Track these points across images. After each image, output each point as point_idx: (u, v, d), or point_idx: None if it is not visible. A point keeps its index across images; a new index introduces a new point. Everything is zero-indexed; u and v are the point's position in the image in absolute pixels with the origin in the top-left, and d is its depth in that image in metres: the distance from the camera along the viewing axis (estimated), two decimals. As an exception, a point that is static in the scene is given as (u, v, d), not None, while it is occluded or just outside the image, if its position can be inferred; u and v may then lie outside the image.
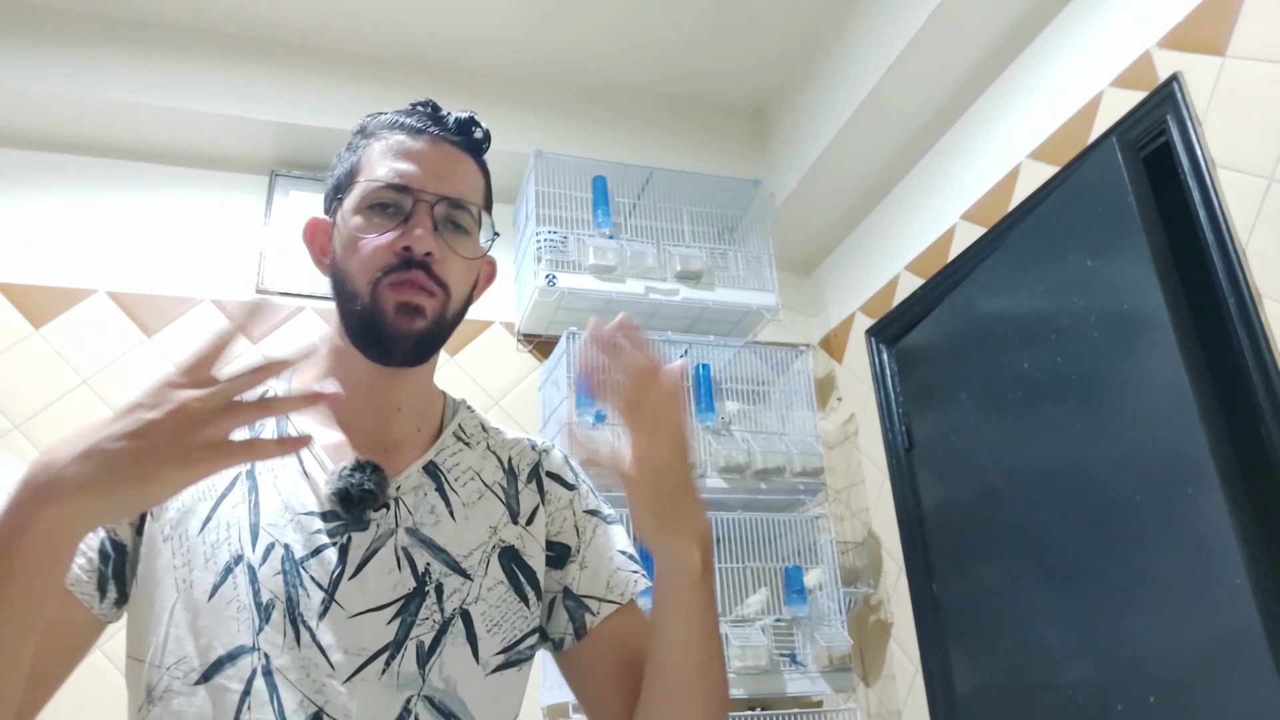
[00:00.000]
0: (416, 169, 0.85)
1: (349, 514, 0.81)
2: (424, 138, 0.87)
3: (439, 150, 0.87)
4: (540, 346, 2.58)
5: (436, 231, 0.84)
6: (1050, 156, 2.03)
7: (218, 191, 2.51)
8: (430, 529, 0.84)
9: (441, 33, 2.56)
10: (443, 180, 0.86)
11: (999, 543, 2.01)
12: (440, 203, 0.85)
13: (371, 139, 0.88)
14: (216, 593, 0.76)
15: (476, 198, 0.89)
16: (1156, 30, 1.79)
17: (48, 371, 2.18)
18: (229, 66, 2.46)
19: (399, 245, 0.82)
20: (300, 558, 0.78)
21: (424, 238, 0.82)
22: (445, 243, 0.85)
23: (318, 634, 0.76)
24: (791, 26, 2.61)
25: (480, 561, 0.85)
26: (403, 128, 0.88)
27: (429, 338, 0.85)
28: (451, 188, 0.86)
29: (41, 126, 2.37)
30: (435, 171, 0.86)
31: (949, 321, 2.26)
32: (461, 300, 0.88)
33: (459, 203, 0.86)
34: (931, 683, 2.22)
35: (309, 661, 0.75)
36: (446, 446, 0.90)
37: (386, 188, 0.84)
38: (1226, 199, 1.60)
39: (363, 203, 0.85)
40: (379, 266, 0.82)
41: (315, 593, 0.77)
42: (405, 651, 0.78)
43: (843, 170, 2.59)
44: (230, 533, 0.78)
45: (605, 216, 2.48)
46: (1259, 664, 1.38)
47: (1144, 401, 1.63)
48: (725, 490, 2.27)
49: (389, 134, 0.88)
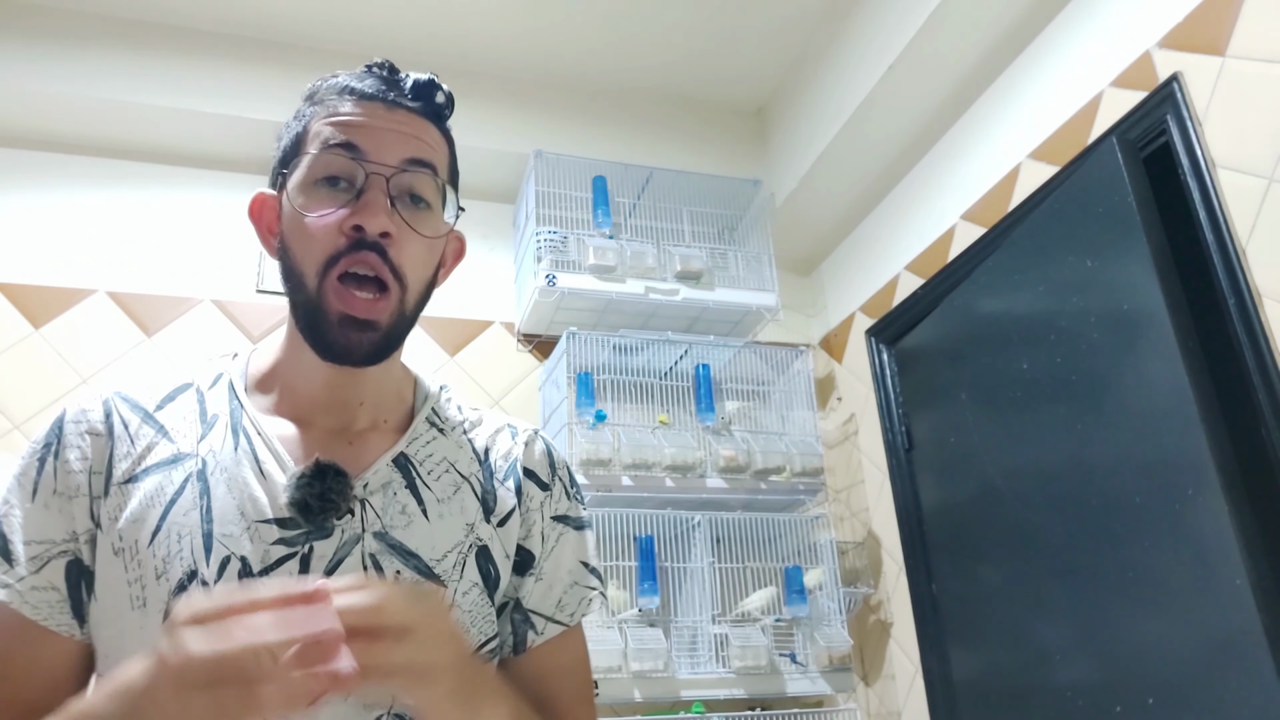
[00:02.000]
0: (369, 137, 0.76)
1: (310, 523, 0.74)
2: (377, 102, 0.78)
3: (395, 116, 0.78)
4: (540, 346, 2.58)
5: (393, 207, 0.75)
6: (1050, 156, 2.03)
7: (218, 191, 2.51)
8: (401, 531, 0.77)
9: (441, 33, 2.56)
10: (399, 147, 0.77)
11: (999, 543, 2.01)
12: (397, 174, 0.76)
13: (319, 106, 0.79)
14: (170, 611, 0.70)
15: (440, 165, 0.80)
16: (1156, 30, 1.78)
17: (48, 371, 2.18)
18: (229, 66, 2.46)
19: (349, 224, 0.74)
20: (257, 572, 0.72)
21: (378, 215, 0.73)
22: (403, 220, 0.75)
23: None
24: (791, 26, 2.61)
25: (456, 564, 0.78)
26: (353, 92, 0.78)
27: (385, 343, 0.77)
28: (409, 150, 0.77)
29: (41, 126, 2.37)
30: (391, 137, 0.77)
31: (949, 321, 2.26)
32: (422, 286, 0.79)
33: (421, 163, 0.77)
34: (931, 683, 2.21)
35: None
36: (419, 435, 0.83)
37: (335, 156, 0.75)
38: (1226, 199, 1.60)
39: (309, 176, 0.76)
40: (327, 252, 0.74)
41: None
42: None
43: (843, 170, 2.59)
44: (182, 544, 0.72)
45: (605, 216, 2.48)
46: (1259, 665, 1.38)
47: (1144, 402, 1.62)
48: (725, 490, 2.27)
49: (338, 100, 0.78)
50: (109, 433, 0.76)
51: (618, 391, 2.41)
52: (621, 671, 2.05)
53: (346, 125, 0.76)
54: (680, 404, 2.46)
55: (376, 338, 0.76)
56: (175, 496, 0.74)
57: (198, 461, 0.76)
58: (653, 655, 2.07)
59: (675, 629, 2.18)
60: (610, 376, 2.40)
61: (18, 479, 0.76)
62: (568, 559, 0.86)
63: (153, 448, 0.76)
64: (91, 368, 2.21)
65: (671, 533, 2.28)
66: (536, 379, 2.54)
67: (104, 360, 2.23)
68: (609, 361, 2.41)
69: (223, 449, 0.77)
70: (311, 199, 0.76)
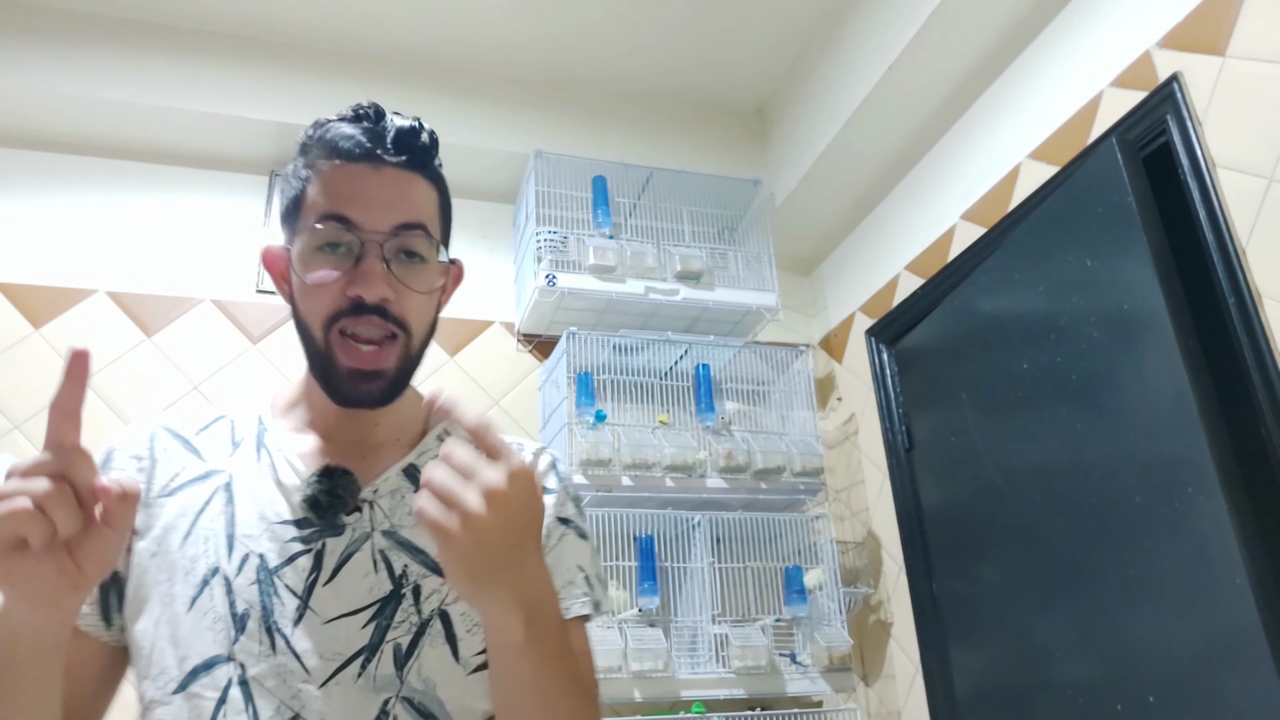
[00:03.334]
0: (360, 207, 0.81)
1: (321, 520, 0.81)
2: (362, 164, 0.82)
3: (381, 178, 0.82)
4: (540, 346, 2.58)
5: (390, 267, 0.81)
6: (1050, 156, 2.03)
7: (218, 191, 2.51)
8: (409, 530, 0.83)
9: (441, 33, 2.56)
10: (388, 213, 0.81)
11: (999, 543, 2.01)
12: (389, 240, 0.81)
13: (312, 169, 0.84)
14: (194, 605, 0.77)
15: (429, 217, 0.85)
16: (1156, 30, 1.79)
17: (48, 371, 2.18)
18: (229, 66, 2.46)
19: (351, 292, 0.80)
20: (274, 566, 0.79)
21: (375, 283, 0.79)
22: (398, 279, 0.81)
23: (292, 640, 0.76)
24: (791, 26, 2.61)
25: None
26: (341, 154, 0.82)
27: (394, 387, 0.84)
28: (398, 216, 0.82)
29: (41, 126, 2.37)
30: (380, 202, 0.81)
31: (949, 321, 2.26)
32: (425, 329, 0.86)
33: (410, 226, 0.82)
34: (931, 683, 2.21)
35: (284, 668, 0.76)
36: (429, 449, 0.90)
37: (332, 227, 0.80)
38: (1226, 199, 1.60)
39: (310, 243, 0.82)
40: (329, 311, 0.80)
41: (289, 600, 0.78)
42: (381, 654, 0.78)
43: (843, 170, 2.59)
44: (208, 545, 0.79)
45: (605, 216, 2.48)
46: (1259, 664, 1.38)
47: (1144, 401, 1.63)
48: (725, 490, 2.27)
49: (327, 165, 0.83)
50: (151, 456, 0.86)
51: (618, 391, 2.41)
52: (621, 671, 2.05)
53: (338, 197, 0.81)
54: (680, 404, 2.46)
55: (384, 384, 0.83)
56: (204, 506, 0.82)
57: (226, 476, 0.85)
58: (653, 655, 2.07)
59: (675, 629, 2.18)
60: (610, 376, 2.40)
61: None
62: (567, 559, 0.88)
63: (188, 466, 0.85)
64: (92, 368, 2.20)
65: (671, 533, 2.28)
66: (536, 379, 2.54)
67: (104, 360, 2.23)
68: (609, 361, 2.41)
69: (247, 464, 0.86)
70: (312, 264, 0.82)
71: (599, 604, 0.90)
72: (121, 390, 2.21)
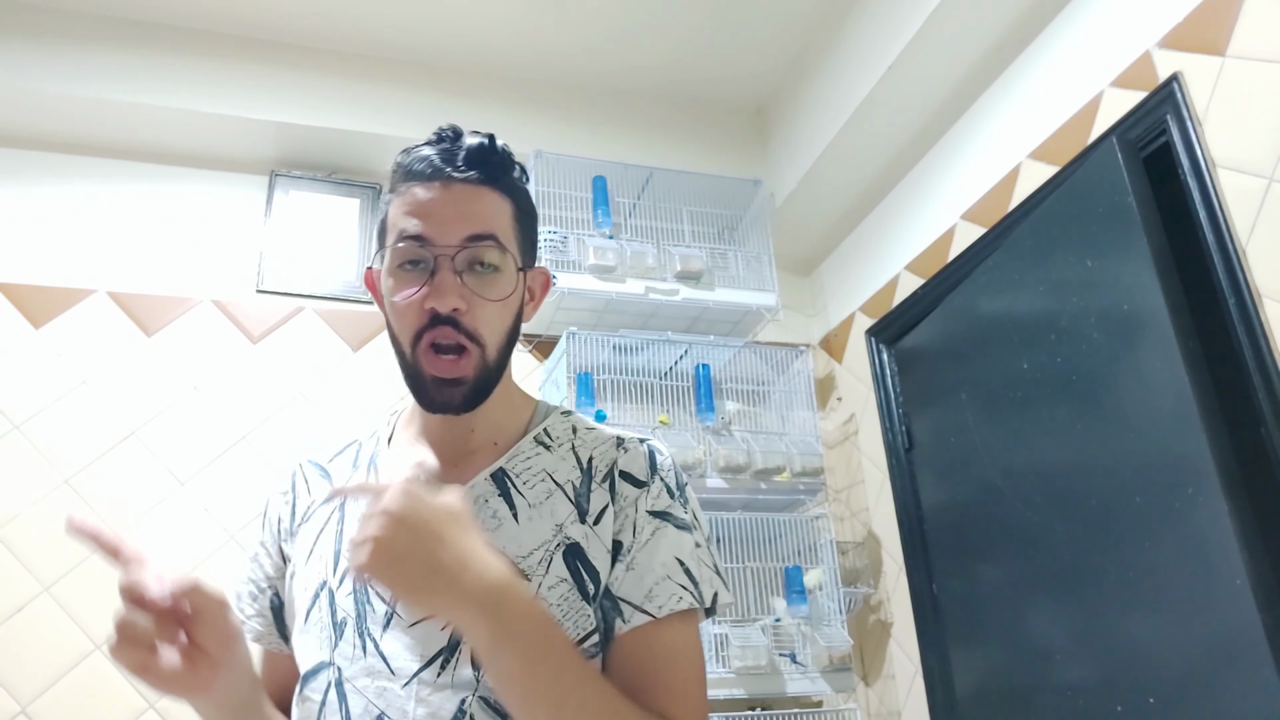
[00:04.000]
0: (429, 222, 0.87)
1: None
2: (435, 184, 0.88)
3: (450, 194, 0.88)
4: (540, 346, 2.58)
5: (462, 279, 0.86)
6: (1050, 156, 2.03)
7: (218, 191, 2.51)
8: (490, 534, 0.85)
9: (442, 33, 2.56)
10: (458, 227, 0.86)
11: (999, 543, 2.01)
12: (459, 253, 0.86)
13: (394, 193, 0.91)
14: (309, 618, 0.89)
15: (500, 228, 0.89)
16: (1156, 30, 1.78)
17: (48, 371, 2.18)
18: (229, 66, 2.46)
19: (426, 305, 0.85)
20: None
21: (446, 295, 0.85)
22: (471, 291, 0.86)
23: (380, 644, 0.84)
24: (791, 26, 2.61)
25: (542, 560, 0.85)
26: (416, 176, 0.89)
27: (475, 394, 0.89)
28: (468, 228, 0.87)
29: (41, 126, 2.37)
30: (450, 217, 0.87)
31: (949, 321, 2.26)
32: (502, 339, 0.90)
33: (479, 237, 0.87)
34: (931, 683, 2.21)
35: (373, 669, 0.83)
36: (521, 452, 0.92)
37: (409, 246, 0.87)
38: (1226, 199, 1.60)
39: (392, 263, 0.89)
40: (415, 328, 0.87)
41: (380, 606, 0.85)
42: (460, 655, 0.82)
43: (843, 170, 2.59)
44: (321, 562, 0.90)
45: (605, 216, 2.48)
46: (1259, 665, 1.38)
47: (1144, 402, 1.62)
48: (725, 490, 2.27)
49: (405, 187, 0.89)
50: (293, 489, 1.00)
51: (618, 391, 2.41)
52: (621, 671, 2.05)
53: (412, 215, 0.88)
54: (680, 404, 2.46)
55: (465, 390, 0.88)
56: (324, 525, 0.93)
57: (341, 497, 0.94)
58: (653, 655, 2.07)
59: (675, 629, 2.17)
60: (610, 376, 2.40)
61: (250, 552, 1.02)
62: (664, 553, 0.87)
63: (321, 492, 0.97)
64: (91, 368, 2.21)
65: (671, 533, 2.27)
66: (537, 379, 2.54)
67: (104, 360, 2.23)
68: (609, 361, 2.41)
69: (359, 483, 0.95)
70: (397, 282, 0.88)
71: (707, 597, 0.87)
72: (121, 390, 2.21)
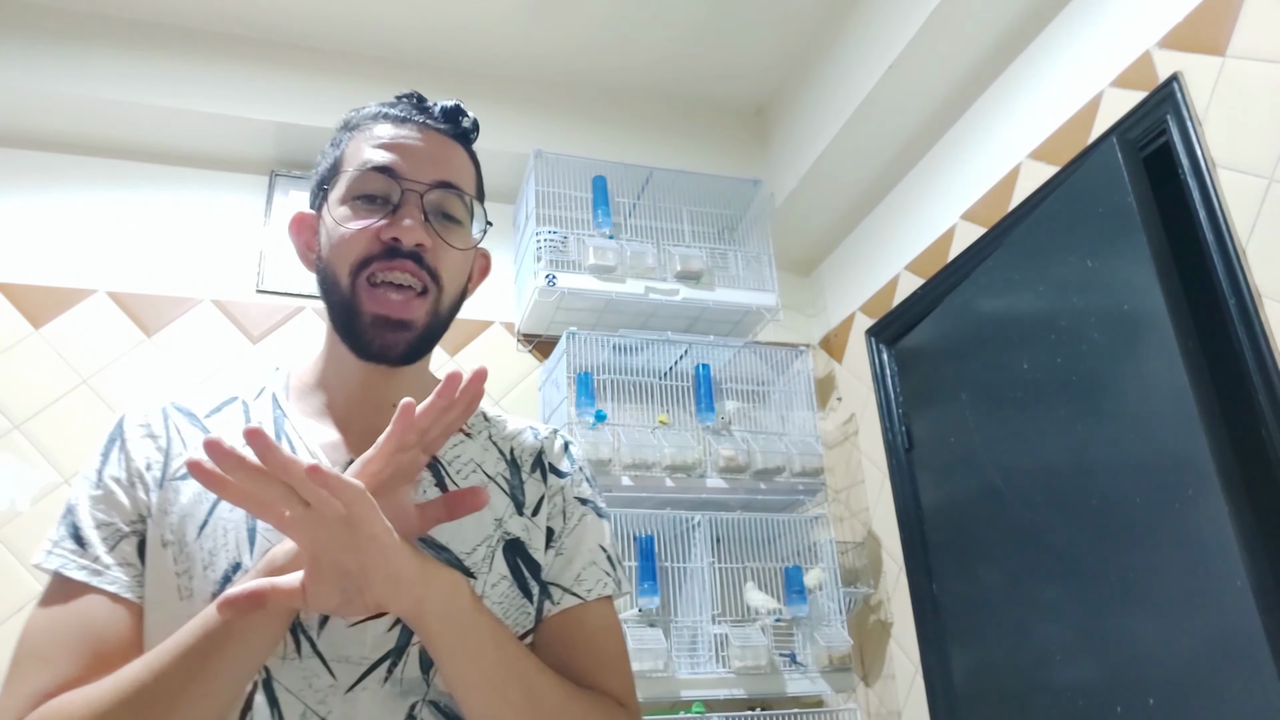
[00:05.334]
0: (404, 157, 0.82)
1: None
2: (410, 125, 0.84)
3: (427, 137, 0.84)
4: (540, 346, 2.58)
5: (427, 221, 0.81)
6: (1050, 156, 2.03)
7: (218, 191, 2.51)
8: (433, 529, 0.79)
9: (441, 33, 2.56)
10: (432, 167, 0.83)
11: (999, 543, 2.01)
12: (431, 191, 0.82)
13: (355, 131, 0.86)
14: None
15: (468, 186, 0.86)
16: (1156, 30, 1.78)
17: (48, 371, 2.18)
18: (229, 66, 2.46)
19: (387, 235, 0.79)
20: None
21: (414, 228, 0.79)
22: (436, 233, 0.82)
23: (318, 644, 0.74)
24: (791, 26, 2.61)
25: (485, 557, 0.81)
26: (388, 117, 0.85)
27: (421, 343, 0.83)
28: (441, 172, 0.83)
29: (41, 126, 2.37)
30: (424, 158, 0.83)
31: (949, 321, 2.26)
32: (456, 293, 0.85)
33: (451, 187, 0.83)
34: (931, 683, 2.21)
35: (310, 673, 0.73)
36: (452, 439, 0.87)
37: (373, 175, 0.81)
38: (1226, 199, 1.60)
39: (349, 193, 0.82)
40: (359, 255, 0.79)
41: None
42: (408, 657, 0.76)
43: (843, 170, 2.59)
44: (228, 538, 0.76)
45: (605, 216, 2.48)
46: (1259, 666, 1.38)
47: (1144, 402, 1.62)
48: (725, 490, 2.27)
49: (373, 124, 0.85)
50: (166, 435, 0.82)
51: (618, 391, 2.41)
52: (621, 671, 2.05)
53: (383, 145, 0.82)
54: (680, 404, 2.46)
55: (411, 337, 0.81)
56: None
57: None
58: (653, 655, 2.07)
59: (675, 629, 2.18)
60: (610, 376, 2.40)
61: (84, 475, 0.81)
62: (589, 539, 0.89)
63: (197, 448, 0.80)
64: (91, 368, 2.21)
65: (671, 533, 2.28)
66: (536, 379, 2.54)
67: (104, 360, 2.23)
68: (609, 361, 2.41)
69: None
70: (352, 211, 0.81)
71: (620, 583, 0.89)
72: (122, 390, 2.21)
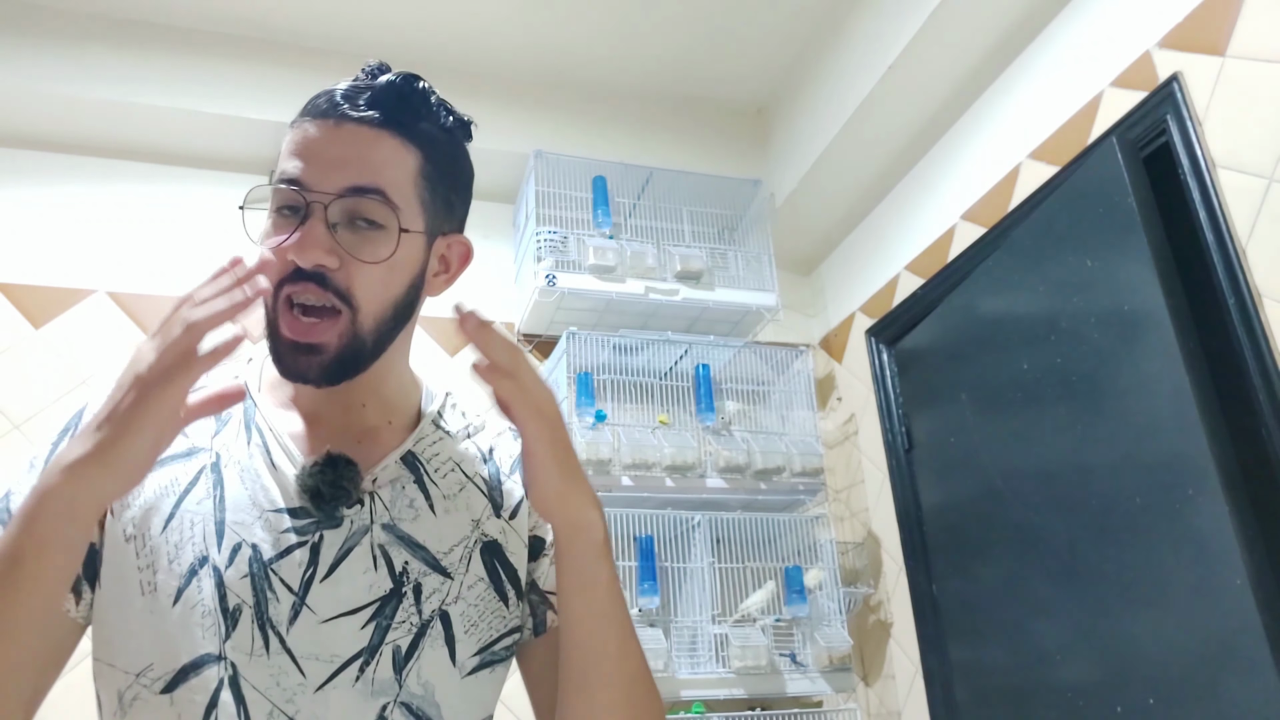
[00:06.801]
0: (308, 163, 0.75)
1: (320, 511, 0.76)
2: (327, 122, 0.76)
3: (339, 135, 0.76)
4: (540, 346, 2.58)
5: (335, 234, 0.74)
6: (1050, 156, 2.03)
7: (218, 191, 2.51)
8: (409, 524, 0.79)
9: (441, 33, 2.56)
10: (340, 173, 0.74)
11: (999, 543, 2.01)
12: (336, 201, 0.74)
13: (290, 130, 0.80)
14: (181, 597, 0.71)
15: (392, 182, 0.76)
16: (1156, 30, 1.78)
17: (48, 371, 2.18)
18: (229, 66, 2.46)
19: (288, 256, 0.73)
20: (269, 559, 0.74)
21: (310, 249, 0.72)
22: (343, 248, 0.74)
23: (288, 641, 0.72)
24: (791, 27, 2.61)
25: (462, 558, 0.80)
26: (310, 111, 0.78)
27: (338, 365, 0.76)
28: (349, 178, 0.74)
29: (41, 126, 2.37)
30: (333, 162, 0.75)
31: (949, 321, 2.26)
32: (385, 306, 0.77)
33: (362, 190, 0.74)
34: (931, 683, 2.21)
35: (279, 670, 0.71)
36: (425, 435, 0.85)
37: (283, 189, 0.75)
38: (1226, 199, 1.60)
39: (271, 206, 0.77)
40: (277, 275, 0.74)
41: (285, 597, 0.73)
42: (380, 657, 0.74)
43: (843, 170, 2.59)
44: (194, 531, 0.73)
45: (605, 216, 2.48)
46: (1259, 665, 1.38)
47: (1144, 402, 1.62)
48: (725, 490, 2.27)
49: (299, 122, 0.79)
50: None
51: (618, 391, 2.41)
52: (621, 671, 2.05)
53: (294, 153, 0.77)
54: (680, 404, 2.46)
55: (325, 360, 0.75)
56: (189, 487, 0.76)
57: (211, 455, 0.78)
58: (653, 655, 2.07)
59: (675, 629, 2.18)
60: (610, 376, 2.40)
61: (31, 461, 0.79)
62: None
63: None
64: (91, 368, 2.21)
65: (671, 533, 2.28)
66: (536, 379, 2.53)
67: (104, 360, 2.23)
68: (609, 361, 2.41)
69: (236, 444, 0.79)
70: (272, 227, 0.77)
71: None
72: (121, 390, 2.21)
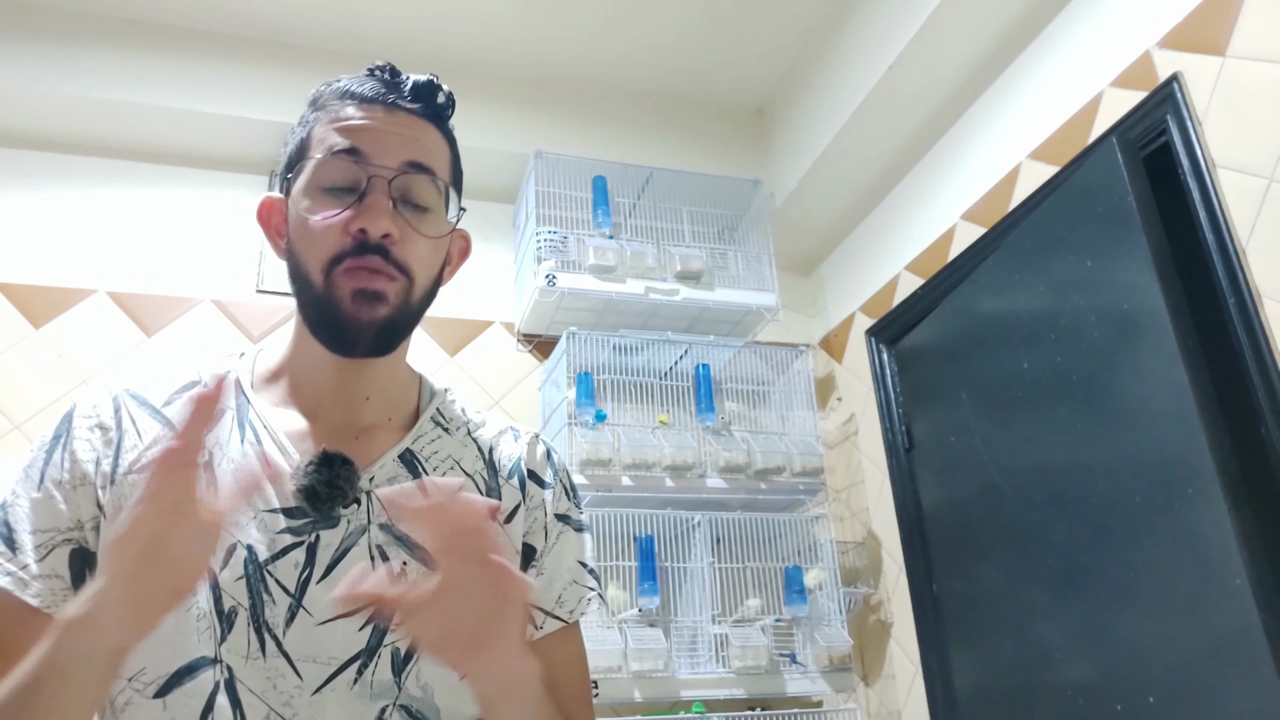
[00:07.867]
0: (371, 141, 0.77)
1: (317, 511, 0.75)
2: (377, 106, 0.79)
3: (394, 118, 0.79)
4: (540, 346, 2.58)
5: (395, 209, 0.76)
6: (1050, 156, 2.03)
7: (218, 191, 2.51)
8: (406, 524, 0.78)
9: (441, 32, 2.56)
10: (400, 150, 0.78)
11: (999, 543, 2.01)
12: (398, 176, 0.77)
13: (322, 111, 0.81)
14: None
15: (440, 168, 0.81)
16: (1156, 30, 1.78)
17: (48, 371, 2.18)
18: (229, 66, 2.46)
19: (353, 227, 0.75)
20: (264, 560, 0.73)
21: (380, 217, 0.75)
22: (406, 221, 0.77)
23: (284, 643, 0.71)
24: (791, 26, 2.61)
25: None
26: (354, 96, 0.80)
27: (393, 326, 0.78)
28: (410, 153, 0.78)
29: (41, 126, 2.37)
30: (391, 140, 0.78)
31: (949, 321, 2.26)
32: (428, 283, 0.81)
33: (421, 168, 0.78)
34: (931, 683, 2.21)
35: (275, 673, 0.70)
36: (424, 433, 0.84)
37: (338, 161, 0.76)
38: (1226, 199, 1.60)
39: (314, 181, 0.78)
40: (331, 252, 0.75)
41: (281, 599, 0.72)
42: (379, 659, 0.73)
43: (843, 170, 2.59)
44: None
45: (605, 216, 2.48)
46: (1259, 664, 1.38)
47: (1144, 402, 1.63)
48: (725, 490, 2.27)
49: (339, 104, 0.80)
50: (117, 426, 0.77)
51: (618, 391, 2.41)
52: (621, 671, 2.05)
53: (348, 130, 0.78)
54: (680, 404, 2.46)
55: (386, 313, 0.76)
56: None
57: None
58: (653, 655, 2.07)
59: (675, 629, 2.18)
60: (610, 376, 2.40)
61: (25, 470, 0.77)
62: (568, 558, 0.86)
63: (159, 440, 0.76)
64: (91, 368, 2.21)
65: (671, 533, 2.28)
66: (536, 379, 2.54)
67: (104, 360, 2.23)
68: (609, 361, 2.41)
69: (229, 441, 0.78)
70: (316, 203, 0.77)
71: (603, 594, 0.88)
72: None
